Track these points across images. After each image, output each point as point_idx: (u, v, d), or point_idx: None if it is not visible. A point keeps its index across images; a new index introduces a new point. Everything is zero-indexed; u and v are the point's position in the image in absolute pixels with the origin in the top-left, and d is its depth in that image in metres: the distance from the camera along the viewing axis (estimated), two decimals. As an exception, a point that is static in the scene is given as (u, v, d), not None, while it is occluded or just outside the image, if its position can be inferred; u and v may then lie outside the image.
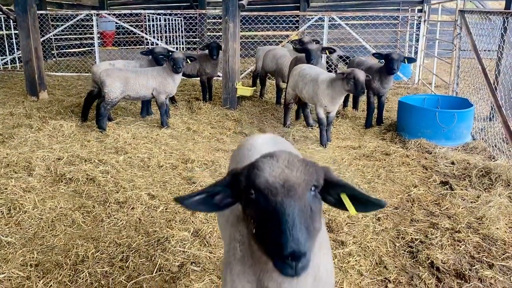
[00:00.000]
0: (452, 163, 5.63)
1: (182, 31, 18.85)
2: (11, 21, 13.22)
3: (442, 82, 10.20)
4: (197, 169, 5.51)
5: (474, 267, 3.43)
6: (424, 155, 6.01)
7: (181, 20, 18.76)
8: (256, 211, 1.47)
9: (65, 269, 3.32)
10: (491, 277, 3.31)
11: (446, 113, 6.36)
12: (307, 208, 1.46)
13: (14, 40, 13.85)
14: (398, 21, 16.08)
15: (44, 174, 5.25)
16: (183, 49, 17.67)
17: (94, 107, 7.62)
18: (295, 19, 16.29)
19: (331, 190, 1.62)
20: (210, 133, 7.16)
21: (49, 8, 16.45)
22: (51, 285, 3.11)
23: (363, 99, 8.50)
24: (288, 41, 11.90)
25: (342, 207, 1.64)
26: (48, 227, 4.02)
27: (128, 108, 8.75)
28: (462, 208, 4.39)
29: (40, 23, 11.14)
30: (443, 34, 13.31)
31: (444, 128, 6.33)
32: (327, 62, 10.50)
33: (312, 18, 12.46)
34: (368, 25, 17.25)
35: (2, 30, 13.92)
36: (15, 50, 13.89)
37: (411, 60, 7.17)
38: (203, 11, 16.67)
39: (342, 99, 6.50)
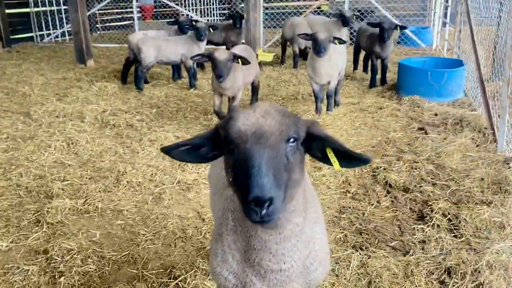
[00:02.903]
0: (435, 114, 6.45)
1: (216, 3, 19.82)
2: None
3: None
4: (214, 119, 6.62)
5: (419, 184, 4.39)
6: (414, 109, 6.84)
7: (215, -7, 19.72)
8: (233, 161, 1.52)
9: (110, 179, 4.57)
10: (431, 191, 4.25)
11: (437, 72, 7.13)
12: (280, 158, 1.49)
13: (63, 15, 15.33)
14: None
15: (93, 121, 6.53)
16: (217, 21, 18.68)
17: (132, 72, 8.85)
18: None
19: (315, 144, 1.65)
20: (230, 93, 8.23)
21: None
22: (100, 187, 4.36)
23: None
24: (310, 11, 12.64)
25: (327, 161, 1.67)
26: (97, 156, 5.29)
27: (162, 73, 9.94)
28: (428, 147, 5.28)
29: (86, -1, 12.41)
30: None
31: (436, 86, 7.10)
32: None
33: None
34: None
35: (53, 6, 15.40)
36: (64, 24, 15.37)
37: (402, 27, 7.81)
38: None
39: (324, 67, 6.13)
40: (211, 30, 8.42)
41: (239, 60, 5.52)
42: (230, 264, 1.80)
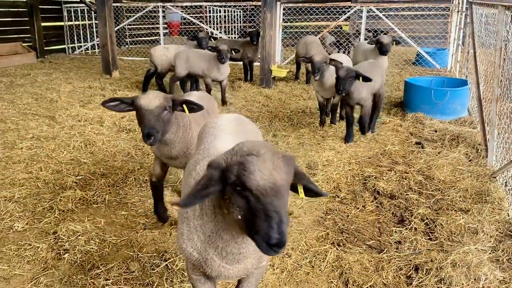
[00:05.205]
0: (435, 131, 6.67)
1: (240, 21, 20.52)
2: (92, 12, 15.58)
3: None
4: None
5: (406, 193, 4.63)
6: (416, 125, 7.07)
7: (239, 11, 20.45)
8: (245, 204, 1.66)
9: (119, 175, 4.99)
10: (415, 199, 4.49)
11: (440, 91, 7.35)
12: (287, 202, 1.71)
13: (94, 29, 16.22)
14: (448, 12, 16.43)
15: (111, 126, 7.03)
16: (240, 38, 19.31)
17: (153, 83, 9.39)
18: (342, 9, 17.18)
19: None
20: (242, 105, 8.65)
21: (124, 1, 18.77)
22: (109, 182, 4.79)
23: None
24: (327, 31, 13.03)
25: (294, 190, 1.91)
26: (111, 156, 5.75)
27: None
28: (422, 160, 5.51)
29: (116, 14, 13.18)
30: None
31: (439, 104, 7.32)
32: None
33: (351, 9, 13.34)
34: (417, 16, 17.69)
35: (85, 20, 16.34)
36: (95, 37, 16.25)
37: (366, 79, 5.83)
38: (259, 3, 18.10)
39: (328, 83, 6.47)
40: (233, 53, 8.73)
41: (185, 107, 3.32)
42: (195, 243, 2.10)
